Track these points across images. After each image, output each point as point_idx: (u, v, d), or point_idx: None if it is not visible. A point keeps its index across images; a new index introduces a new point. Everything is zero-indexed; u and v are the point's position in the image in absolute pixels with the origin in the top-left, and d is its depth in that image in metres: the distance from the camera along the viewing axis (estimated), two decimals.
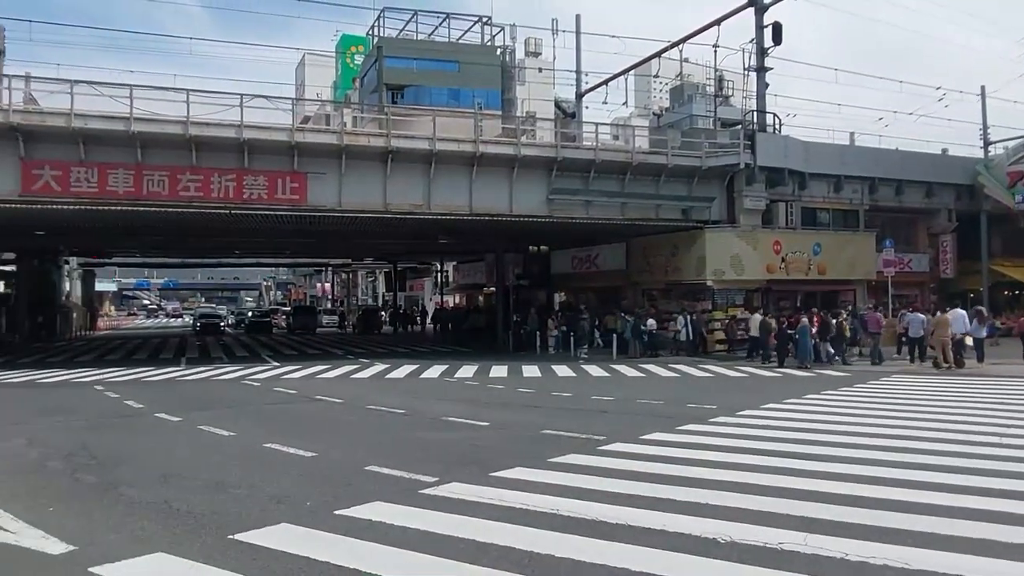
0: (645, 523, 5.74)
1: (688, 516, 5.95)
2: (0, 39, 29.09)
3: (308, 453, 8.76)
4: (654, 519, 5.84)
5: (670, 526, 5.67)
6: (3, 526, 5.95)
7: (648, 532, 5.55)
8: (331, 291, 73.91)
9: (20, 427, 11.06)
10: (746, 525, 5.67)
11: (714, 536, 5.43)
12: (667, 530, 5.59)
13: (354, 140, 22.87)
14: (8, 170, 19.56)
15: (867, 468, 7.61)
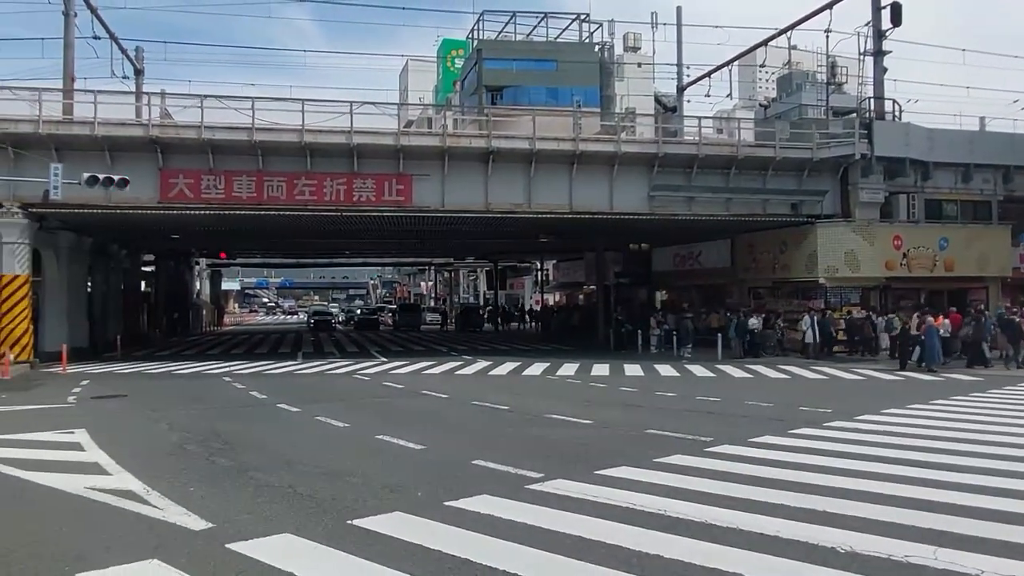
0: (758, 528, 5.59)
1: (803, 523, 5.73)
2: (139, 60, 31.85)
3: (417, 446, 9.09)
4: (767, 524, 5.67)
5: (784, 532, 5.49)
6: (152, 502, 6.57)
7: (761, 538, 5.40)
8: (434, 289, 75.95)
9: (162, 413, 12.13)
10: (867, 535, 5.40)
11: (833, 545, 5.21)
12: (781, 536, 5.42)
13: (456, 142, 23.43)
14: (149, 180, 21.42)
15: (1003, 480, 7.05)
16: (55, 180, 18.80)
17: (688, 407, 12.79)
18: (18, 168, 19.98)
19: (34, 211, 21.01)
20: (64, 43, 24.74)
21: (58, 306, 24.16)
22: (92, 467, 8.07)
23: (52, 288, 24.37)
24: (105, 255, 30.14)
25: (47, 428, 10.49)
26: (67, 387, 16.03)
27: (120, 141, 21.23)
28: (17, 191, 20.33)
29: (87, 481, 7.34)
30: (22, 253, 21.02)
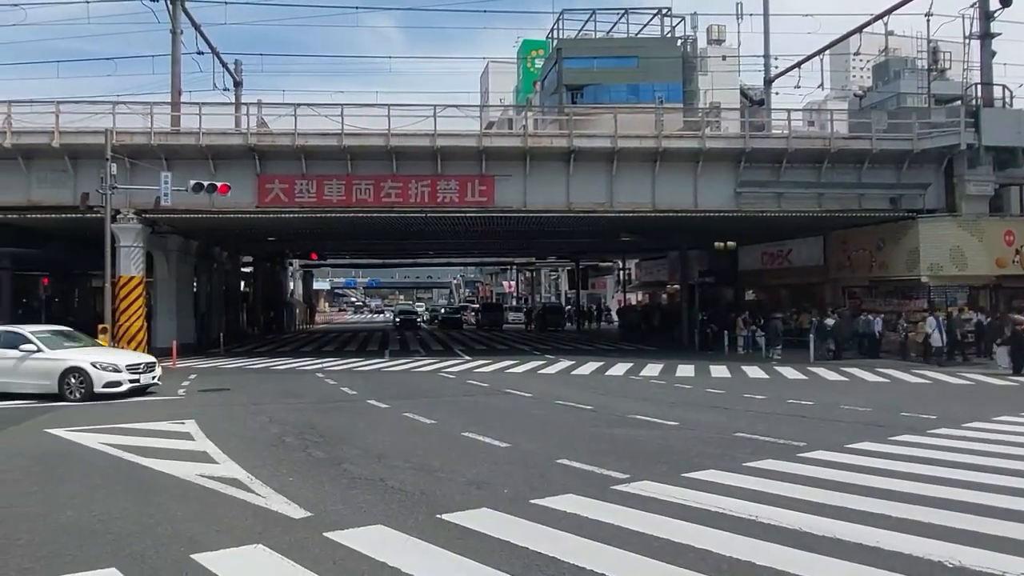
0: (856, 538, 5.37)
1: (906, 534, 5.47)
2: (238, 72, 33.66)
3: (502, 444, 9.23)
4: (866, 534, 5.45)
5: (885, 543, 5.26)
6: (255, 490, 6.98)
7: (860, 548, 5.19)
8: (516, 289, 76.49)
9: (262, 407, 12.83)
10: (978, 550, 5.10)
11: (940, 559, 4.95)
12: (881, 547, 5.19)
13: (537, 142, 23.54)
14: (248, 185, 22.64)
15: None
16: (165, 187, 20.22)
17: (778, 410, 12.38)
18: (133, 177, 21.56)
19: (147, 217, 22.63)
20: (172, 59, 26.46)
21: (168, 305, 25.93)
22: (201, 455, 8.63)
23: (163, 288, 26.18)
24: (209, 257, 32.08)
25: (161, 418, 11.30)
26: (177, 380, 17.19)
27: (222, 150, 22.54)
28: (133, 198, 21.93)
29: (197, 468, 7.87)
30: (137, 256, 22.68)
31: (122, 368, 13.79)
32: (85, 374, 13.45)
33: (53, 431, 10.33)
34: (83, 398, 13.29)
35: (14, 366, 13.65)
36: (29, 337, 13.96)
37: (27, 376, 13.64)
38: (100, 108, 22.58)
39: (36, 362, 13.60)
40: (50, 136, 21.49)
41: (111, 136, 20.66)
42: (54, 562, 5.06)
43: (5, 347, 13.84)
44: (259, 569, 4.92)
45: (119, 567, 4.91)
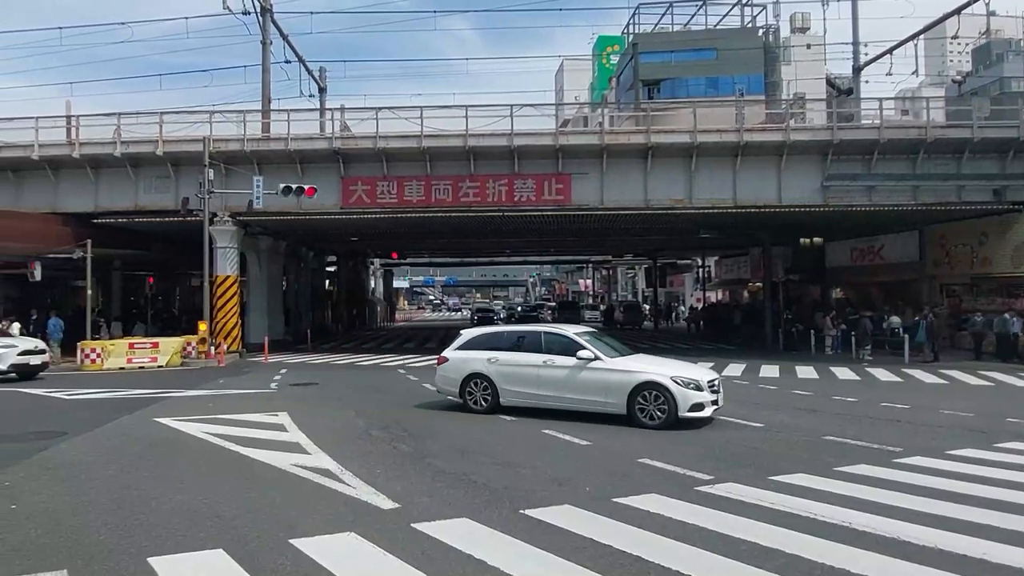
0: (960, 549, 5.12)
1: (1015, 547, 5.17)
2: (323, 79, 34.91)
3: (583, 441, 9.25)
4: (971, 546, 5.18)
5: (992, 556, 4.99)
6: (346, 481, 7.28)
7: (964, 560, 4.94)
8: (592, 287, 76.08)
9: (349, 401, 13.32)
10: None
11: None
12: (988, 560, 4.93)
13: (614, 139, 23.36)
14: (332, 187, 23.49)
15: None
16: (257, 191, 21.26)
17: (871, 414, 11.85)
18: (228, 182, 22.76)
19: (240, 219, 23.85)
20: (262, 68, 27.76)
21: (260, 302, 27.25)
22: (294, 446, 9.05)
23: (255, 287, 27.54)
24: (296, 257, 33.48)
25: (256, 410, 11.90)
26: (269, 375, 18.08)
27: (308, 154, 23.48)
28: (228, 202, 23.16)
29: (291, 459, 8.26)
30: (232, 256, 23.95)
31: (704, 386, 10.30)
32: (666, 393, 10.12)
33: (161, 420, 11.07)
34: (662, 425, 10.03)
35: (569, 377, 10.84)
36: (581, 342, 11.06)
37: (587, 391, 10.71)
38: (198, 117, 23.99)
39: (596, 373, 10.64)
40: (155, 145, 22.99)
41: (208, 144, 21.92)
42: (168, 542, 5.45)
43: (560, 354, 11.07)
44: (352, 556, 5.14)
45: (225, 548, 5.25)
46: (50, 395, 14.64)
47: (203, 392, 14.91)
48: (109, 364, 20.20)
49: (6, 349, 16.42)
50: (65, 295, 30.24)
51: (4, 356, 16.29)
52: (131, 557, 5.10)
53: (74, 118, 24.49)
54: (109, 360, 20.31)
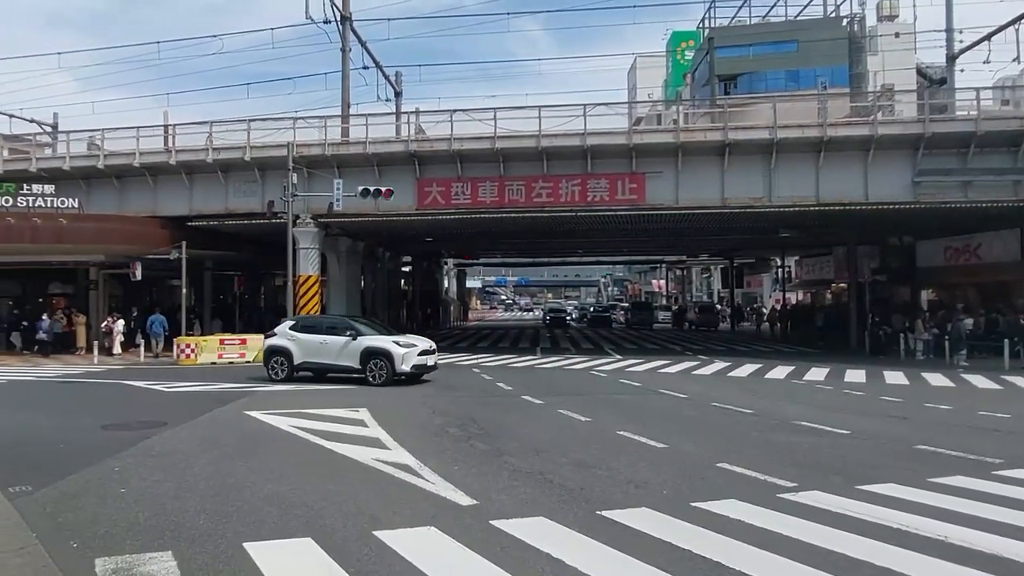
0: None
1: None
2: (399, 83, 35.75)
3: (659, 444, 9.16)
4: None
5: None
6: (425, 476, 7.47)
7: None
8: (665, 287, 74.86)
9: (426, 399, 13.62)
10: None
11: None
12: None
13: (689, 137, 22.93)
14: (408, 189, 24.03)
15: None
16: (337, 194, 21.99)
17: (967, 423, 11.21)
18: (310, 185, 23.64)
19: (321, 221, 24.72)
20: (342, 75, 28.67)
21: (340, 301, 28.16)
22: (375, 441, 9.35)
23: (335, 286, 28.49)
24: (373, 257, 34.43)
25: (338, 406, 12.35)
26: None
27: (385, 156, 24.10)
28: (310, 204, 24.06)
29: (372, 453, 8.55)
30: (313, 257, 24.87)
31: None
32: None
33: (250, 413, 11.65)
34: None
35: None
36: None
37: None
38: (283, 124, 25.09)
39: None
40: (243, 151, 24.16)
41: (292, 149, 22.82)
42: (260, 528, 5.76)
43: None
44: (432, 549, 5.27)
45: (313, 537, 5.49)
46: (151, 388, 15.65)
47: (288, 387, 15.57)
48: (202, 359, 21.38)
49: (407, 349, 15.61)
50: (162, 294, 32.14)
51: (406, 357, 15.46)
52: (228, 541, 5.41)
53: (170, 127, 26.07)
54: (202, 355, 21.50)
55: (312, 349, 16.11)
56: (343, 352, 15.71)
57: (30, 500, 6.55)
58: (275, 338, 16.95)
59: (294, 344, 16.34)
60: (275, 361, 16.48)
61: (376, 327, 17.34)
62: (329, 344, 15.93)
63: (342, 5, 28.28)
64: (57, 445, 9.25)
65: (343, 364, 15.74)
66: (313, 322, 17.68)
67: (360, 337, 15.73)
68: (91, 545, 5.33)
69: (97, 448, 8.89)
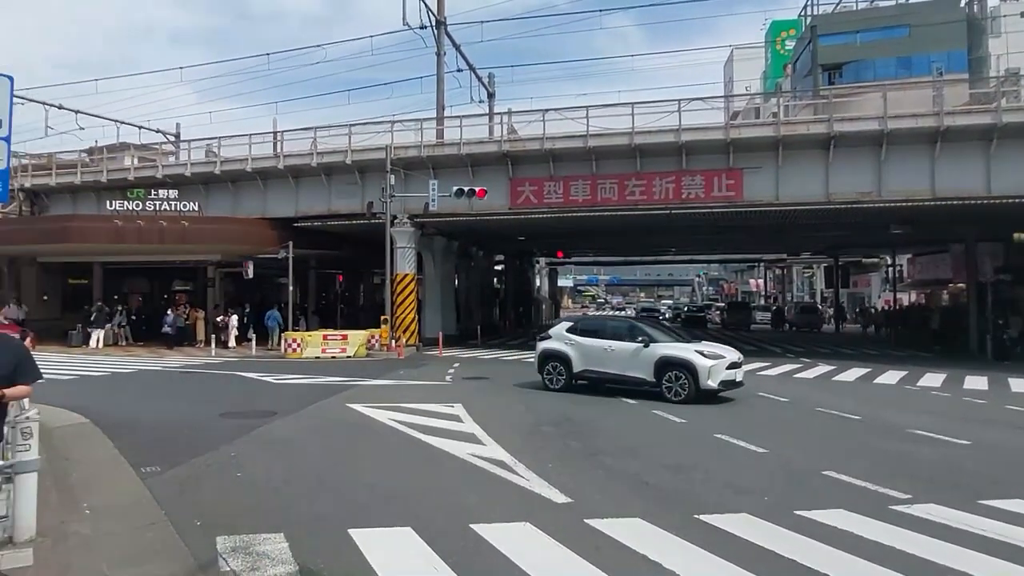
0: None
1: None
2: (491, 84, 36.20)
3: (758, 448, 8.86)
4: None
5: None
6: (519, 473, 7.56)
7: None
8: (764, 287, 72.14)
9: (519, 396, 13.78)
10: None
11: None
12: None
13: (791, 130, 22.01)
14: (501, 189, 24.33)
15: None
16: (433, 194, 22.57)
17: None
18: (407, 186, 24.36)
19: (418, 220, 25.45)
20: (437, 78, 29.39)
21: (435, 299, 28.90)
22: (470, 437, 9.54)
23: (430, 284, 29.25)
24: (467, 256, 35.05)
25: (434, 401, 12.68)
26: (444, 368, 19.15)
27: (478, 157, 24.51)
28: (406, 205, 24.80)
29: (468, 448, 8.73)
30: (410, 256, 25.64)
31: None
32: None
33: (352, 406, 12.16)
34: None
35: None
36: None
37: None
38: (381, 128, 25.93)
39: None
40: (344, 154, 25.24)
41: (390, 151, 23.65)
42: (363, 516, 6.01)
43: None
44: (528, 546, 5.33)
45: (413, 527, 5.68)
46: (262, 379, 16.62)
47: (386, 382, 16.13)
48: (307, 353, 22.49)
49: (714, 361, 12.97)
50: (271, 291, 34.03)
51: (713, 371, 12.81)
52: (334, 527, 5.69)
53: (279, 133, 27.56)
54: (307, 350, 22.61)
55: (595, 356, 13.93)
56: (633, 361, 13.39)
57: (159, 480, 7.13)
58: (550, 342, 14.80)
59: (573, 349, 14.21)
60: (551, 367, 14.49)
61: (669, 332, 14.90)
62: (616, 351, 13.65)
63: (437, 10, 28.95)
64: (182, 430, 10.00)
65: (632, 375, 13.45)
66: (595, 325, 15.49)
67: (653, 344, 13.31)
68: (212, 523, 5.73)
69: (216, 434, 9.55)
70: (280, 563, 4.91)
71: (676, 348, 13.36)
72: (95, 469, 7.54)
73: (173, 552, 5.07)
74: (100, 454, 8.30)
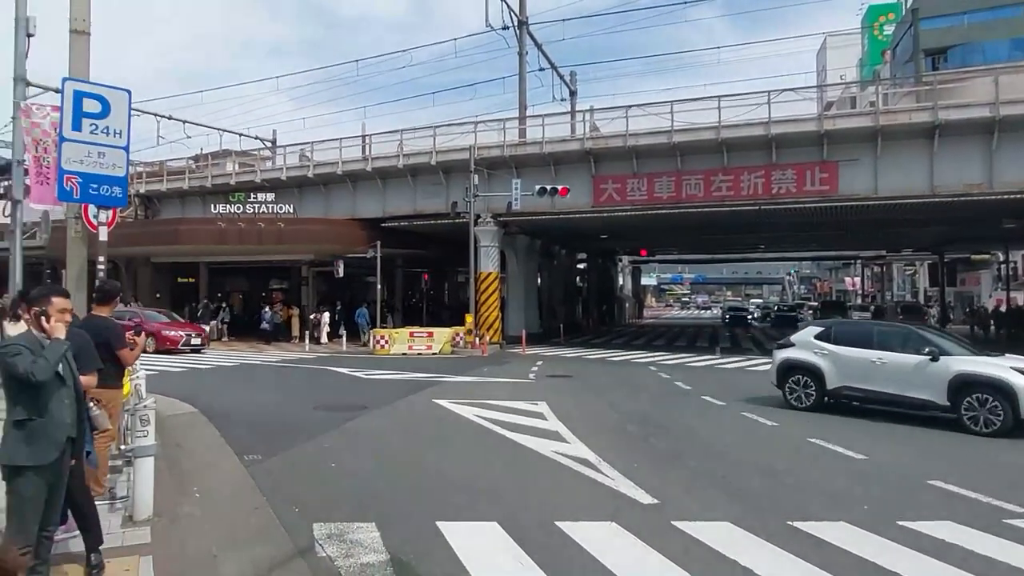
0: None
1: None
2: (573, 82, 36.08)
3: (857, 455, 8.45)
4: None
5: None
6: (604, 472, 7.52)
7: None
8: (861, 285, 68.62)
9: (602, 395, 13.70)
10: None
11: None
12: None
13: (891, 119, 20.88)
14: (584, 187, 24.24)
15: None
16: (515, 193, 22.75)
17: None
18: (490, 186, 24.66)
19: (501, 219, 25.73)
20: (519, 78, 29.59)
21: (518, 297, 29.15)
22: (554, 434, 9.56)
23: (513, 283, 29.51)
24: (549, 255, 35.13)
25: (518, 398, 12.78)
26: (527, 365, 19.27)
27: (560, 155, 24.50)
28: (490, 204, 25.11)
29: (552, 446, 8.75)
30: (493, 254, 25.94)
31: None
32: None
33: (439, 401, 12.43)
34: None
35: None
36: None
37: None
38: (464, 129, 26.38)
39: None
40: (429, 156, 25.82)
41: (473, 152, 24.00)
42: (450, 509, 6.14)
43: None
44: (614, 545, 5.29)
45: (499, 522, 5.75)
46: (353, 374, 17.25)
47: (471, 379, 16.38)
48: (394, 350, 23.16)
49: None
50: (360, 289, 35.25)
51: None
52: (422, 519, 5.84)
53: (367, 137, 28.51)
54: (394, 346, 23.30)
55: (858, 369, 11.37)
56: (914, 378, 10.75)
57: (260, 467, 7.54)
58: (792, 350, 12.31)
59: (826, 360, 11.73)
60: (795, 381, 12.05)
61: (959, 341, 11.77)
62: (888, 364, 11.04)
63: (519, 10, 29.14)
64: (280, 421, 10.52)
65: (912, 396, 10.82)
66: (856, 331, 12.41)
67: (945, 357, 10.55)
68: (309, 511, 6.00)
69: (311, 426, 10.00)
70: (372, 551, 5.09)
71: (979, 363, 10.45)
72: (203, 456, 8.05)
73: (274, 536, 5.35)
74: (207, 442, 8.85)
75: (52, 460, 3.82)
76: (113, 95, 8.12)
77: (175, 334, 23.12)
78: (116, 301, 6.38)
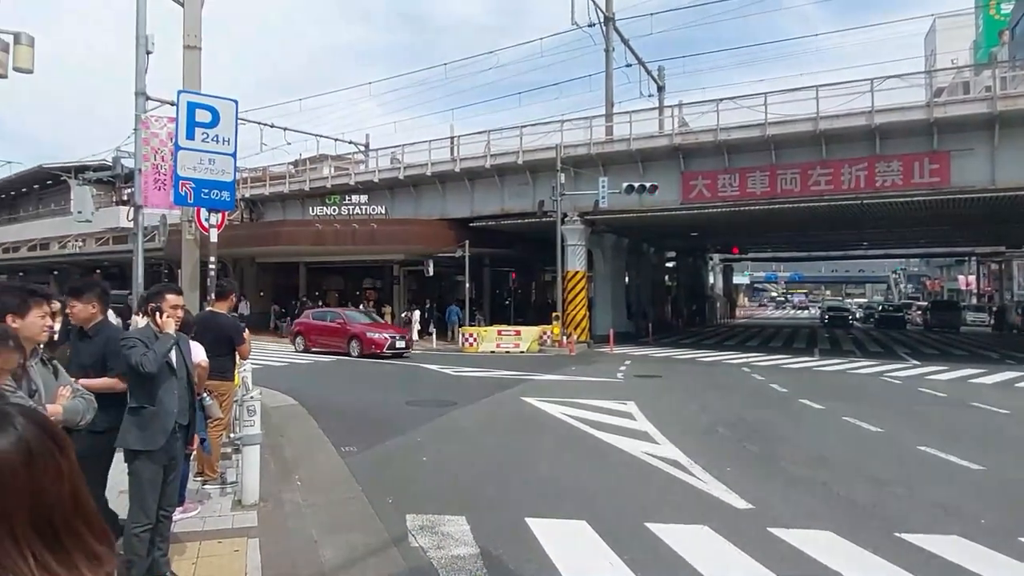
0: None
1: None
2: (661, 77, 35.39)
3: (972, 465, 7.88)
4: None
5: None
6: (695, 474, 7.35)
7: None
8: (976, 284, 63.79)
9: (693, 396, 13.39)
10: None
11: None
12: None
13: (1011, 104, 19.37)
14: (672, 183, 23.75)
15: None
16: (602, 191, 22.56)
17: None
18: (577, 184, 24.57)
19: (588, 218, 25.58)
20: (605, 75, 29.32)
21: (605, 296, 28.92)
22: (643, 435, 9.43)
23: (600, 282, 29.30)
24: (637, 253, 34.63)
25: (606, 398, 12.68)
26: (615, 365, 19.08)
27: (648, 152, 24.09)
28: (576, 203, 25.01)
29: (641, 446, 8.63)
30: (580, 253, 25.85)
31: None
32: None
33: (526, 399, 12.51)
34: None
35: None
36: None
37: None
38: (550, 128, 26.40)
39: None
40: (516, 156, 26.01)
41: (559, 150, 23.97)
42: (540, 506, 6.17)
43: None
44: (707, 549, 5.17)
45: (588, 521, 5.73)
46: (442, 371, 17.63)
47: (558, 377, 16.39)
48: (482, 348, 23.50)
49: None
50: (449, 288, 35.97)
51: None
52: (512, 515, 5.90)
53: (455, 138, 29.04)
54: (482, 344, 23.63)
55: None
56: None
57: (356, 459, 7.83)
58: None
59: None
60: None
61: None
62: None
63: (605, 7, 28.87)
64: (374, 415, 10.90)
65: None
66: None
67: None
68: (402, 502, 6.19)
69: (403, 420, 10.30)
70: (463, 544, 5.18)
71: None
72: (303, 446, 8.45)
73: (369, 525, 5.55)
74: (307, 433, 9.29)
75: (161, 445, 4.10)
76: (222, 105, 8.62)
77: (380, 336, 21.19)
78: (232, 297, 7.08)
